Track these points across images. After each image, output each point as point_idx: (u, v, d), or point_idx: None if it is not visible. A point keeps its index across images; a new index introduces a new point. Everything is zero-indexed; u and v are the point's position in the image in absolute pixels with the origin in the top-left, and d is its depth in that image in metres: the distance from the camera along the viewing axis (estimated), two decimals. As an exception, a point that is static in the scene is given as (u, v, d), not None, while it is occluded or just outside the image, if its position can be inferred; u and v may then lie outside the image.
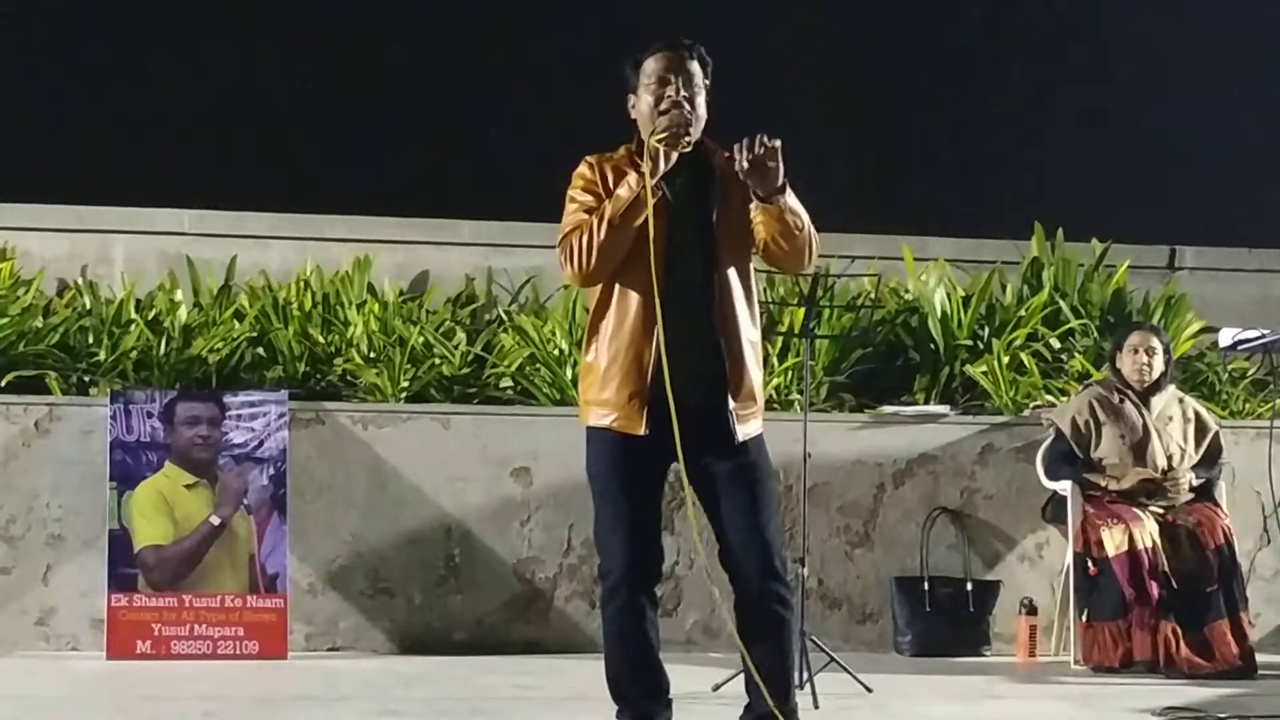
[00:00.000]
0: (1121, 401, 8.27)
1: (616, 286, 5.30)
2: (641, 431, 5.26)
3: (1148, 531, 7.98)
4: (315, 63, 11.31)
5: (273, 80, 11.18)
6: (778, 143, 5.19)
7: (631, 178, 5.25)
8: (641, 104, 5.38)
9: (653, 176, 5.22)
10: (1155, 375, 8.29)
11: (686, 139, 5.27)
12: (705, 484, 5.37)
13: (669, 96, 5.31)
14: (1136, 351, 8.31)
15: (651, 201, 5.20)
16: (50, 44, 11.11)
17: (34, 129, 10.76)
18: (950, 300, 9.37)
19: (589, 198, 5.33)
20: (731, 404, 5.29)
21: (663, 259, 5.23)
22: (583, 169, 5.39)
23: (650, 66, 5.36)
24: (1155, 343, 8.33)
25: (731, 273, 5.34)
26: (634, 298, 5.28)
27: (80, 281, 9.21)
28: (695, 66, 5.37)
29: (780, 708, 5.30)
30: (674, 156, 5.25)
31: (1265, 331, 8.88)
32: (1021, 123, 11.91)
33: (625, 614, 5.36)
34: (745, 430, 5.31)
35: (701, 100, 5.36)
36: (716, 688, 6.87)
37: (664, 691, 5.44)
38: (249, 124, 11.02)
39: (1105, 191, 11.62)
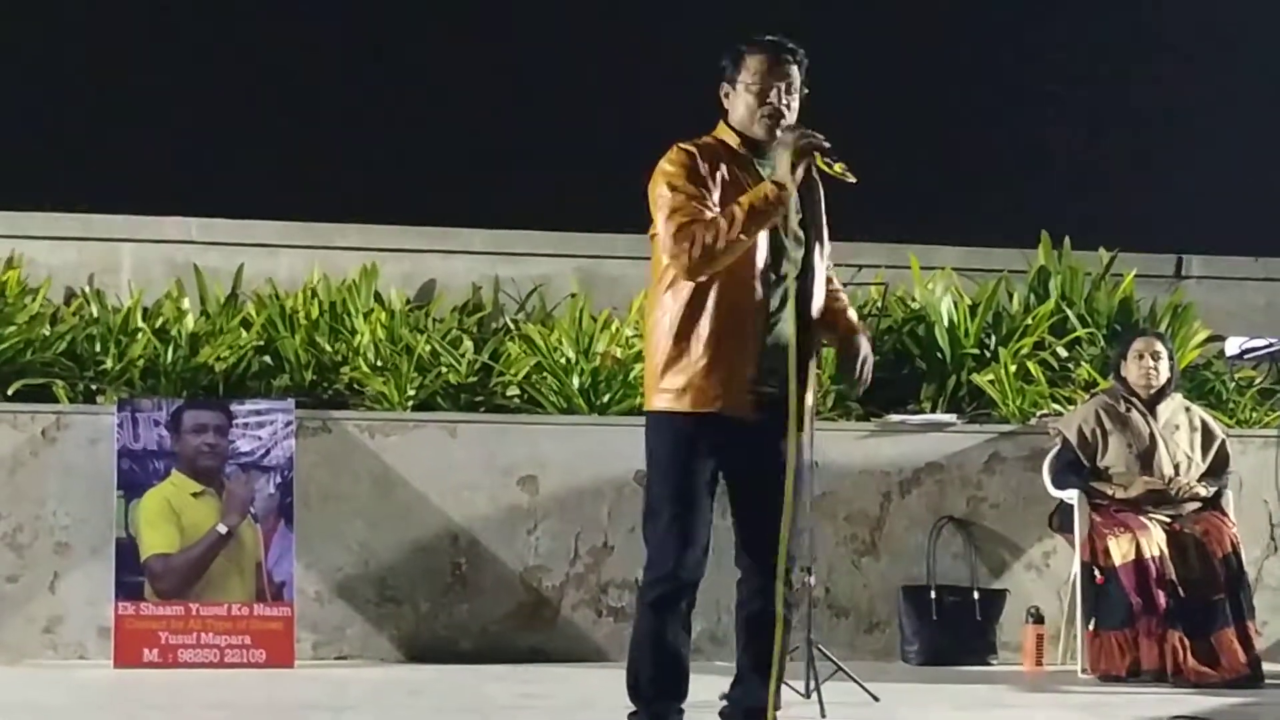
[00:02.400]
0: (1128, 410, 8.27)
1: (718, 280, 5.28)
2: (754, 416, 5.31)
3: (1155, 540, 7.97)
4: (322, 71, 11.32)
5: (280, 88, 11.19)
6: None
7: (778, 180, 5.25)
8: (741, 101, 5.39)
9: (794, 184, 5.28)
10: (1161, 381, 8.29)
11: (821, 157, 5.31)
12: (748, 478, 5.41)
13: (770, 102, 5.37)
14: (1142, 357, 8.30)
15: (790, 209, 5.30)
16: (57, 53, 11.12)
17: (41, 137, 10.77)
18: (957, 309, 9.36)
19: (695, 188, 5.29)
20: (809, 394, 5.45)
21: (769, 256, 5.34)
22: (682, 157, 5.34)
23: (755, 65, 5.39)
24: (1159, 348, 8.33)
25: (818, 264, 5.44)
26: (741, 291, 5.29)
27: (87, 290, 9.21)
28: (795, 71, 5.42)
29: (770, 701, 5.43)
30: (800, 171, 5.28)
31: (1272, 340, 8.88)
32: (1028, 131, 11.90)
33: (664, 612, 5.31)
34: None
35: (796, 104, 5.42)
36: (723, 697, 6.85)
37: (681, 696, 5.42)
38: (256, 132, 11.03)
39: (1112, 200, 11.61)
